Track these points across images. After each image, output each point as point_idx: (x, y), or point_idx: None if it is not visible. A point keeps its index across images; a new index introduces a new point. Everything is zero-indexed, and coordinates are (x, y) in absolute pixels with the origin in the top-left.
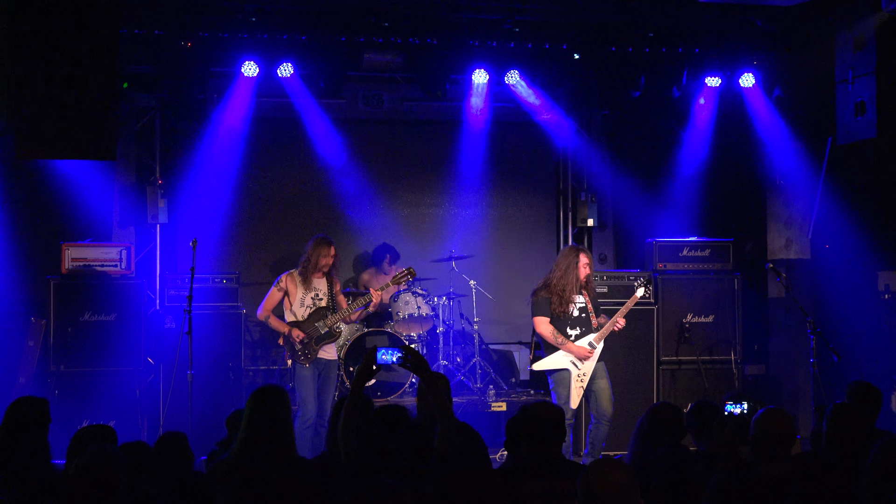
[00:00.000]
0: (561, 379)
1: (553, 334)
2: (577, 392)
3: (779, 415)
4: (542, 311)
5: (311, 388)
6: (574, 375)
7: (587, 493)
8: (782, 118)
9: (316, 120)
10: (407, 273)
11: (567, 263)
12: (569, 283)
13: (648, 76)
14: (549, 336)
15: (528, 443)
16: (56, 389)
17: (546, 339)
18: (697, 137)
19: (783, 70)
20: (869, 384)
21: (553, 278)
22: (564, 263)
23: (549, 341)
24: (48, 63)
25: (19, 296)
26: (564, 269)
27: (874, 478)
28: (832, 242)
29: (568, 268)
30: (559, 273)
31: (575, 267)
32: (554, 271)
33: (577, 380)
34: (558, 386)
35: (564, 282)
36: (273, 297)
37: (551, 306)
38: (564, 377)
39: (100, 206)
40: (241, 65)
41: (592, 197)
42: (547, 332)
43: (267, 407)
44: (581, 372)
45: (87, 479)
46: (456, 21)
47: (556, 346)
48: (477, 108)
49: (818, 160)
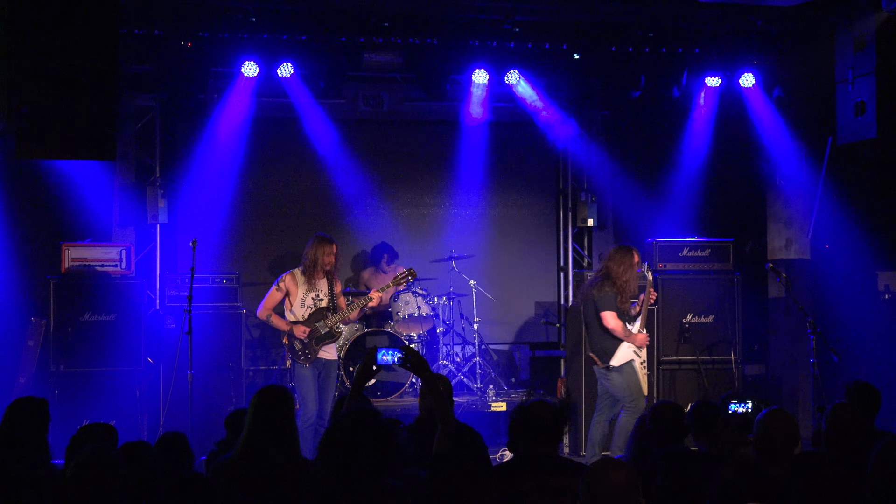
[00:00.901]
0: (632, 370)
1: (623, 328)
2: (644, 380)
3: (782, 415)
4: (610, 306)
5: (312, 387)
6: (638, 364)
7: (588, 492)
8: (782, 118)
9: (316, 120)
10: (407, 274)
11: (630, 262)
12: (630, 279)
13: (648, 76)
14: (620, 330)
15: (524, 440)
16: (56, 389)
17: (617, 333)
18: (697, 137)
19: (783, 70)
20: (868, 384)
21: (617, 276)
22: (626, 262)
23: (620, 335)
24: (48, 63)
25: (19, 296)
26: (627, 267)
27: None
28: (832, 242)
29: (630, 266)
30: (621, 270)
31: (633, 266)
32: (614, 269)
33: (642, 367)
34: (630, 377)
35: (626, 278)
36: (273, 297)
37: (617, 301)
38: (634, 367)
39: (100, 206)
40: (241, 65)
41: (592, 197)
42: (618, 327)
43: (271, 407)
44: (642, 359)
45: (85, 479)
46: (456, 21)
47: (624, 339)
48: (477, 110)
49: (818, 160)
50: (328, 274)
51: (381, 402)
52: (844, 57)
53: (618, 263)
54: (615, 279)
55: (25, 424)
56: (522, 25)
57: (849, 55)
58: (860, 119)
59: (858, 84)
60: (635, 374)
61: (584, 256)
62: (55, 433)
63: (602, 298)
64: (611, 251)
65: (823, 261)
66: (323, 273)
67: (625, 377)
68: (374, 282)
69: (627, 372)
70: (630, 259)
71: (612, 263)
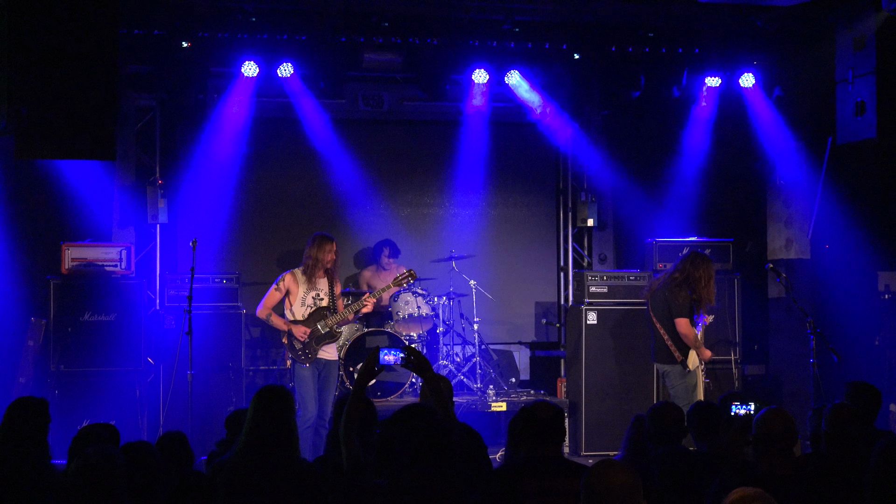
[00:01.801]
0: (694, 377)
1: (696, 337)
2: (702, 385)
3: (780, 415)
4: (685, 313)
5: (312, 388)
6: (699, 372)
7: (589, 494)
8: (782, 118)
9: (316, 120)
10: (408, 275)
11: (710, 273)
12: (710, 290)
13: (648, 76)
14: (692, 338)
15: (526, 442)
16: (56, 389)
17: (688, 340)
18: (697, 137)
19: (783, 70)
20: (868, 384)
21: (697, 283)
22: (708, 272)
23: (691, 343)
24: (48, 63)
25: (19, 296)
26: (709, 277)
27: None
28: (832, 242)
29: (711, 277)
30: (704, 279)
31: (712, 276)
32: (693, 275)
33: (702, 374)
34: (690, 382)
35: (709, 289)
36: (273, 297)
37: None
38: (696, 375)
39: (100, 206)
40: (240, 65)
41: (592, 197)
42: (691, 334)
43: (270, 407)
44: (703, 367)
45: (87, 480)
46: (456, 21)
47: (694, 347)
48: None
49: (818, 160)
50: (328, 273)
51: (382, 402)
52: (844, 57)
53: (697, 270)
54: (695, 285)
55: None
56: (522, 25)
57: (849, 55)
58: (860, 119)
59: (858, 84)
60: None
61: (584, 256)
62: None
63: (679, 304)
64: (690, 255)
65: (823, 261)
66: (324, 272)
67: (686, 382)
68: (375, 280)
69: (691, 379)
70: (711, 270)
71: (689, 267)
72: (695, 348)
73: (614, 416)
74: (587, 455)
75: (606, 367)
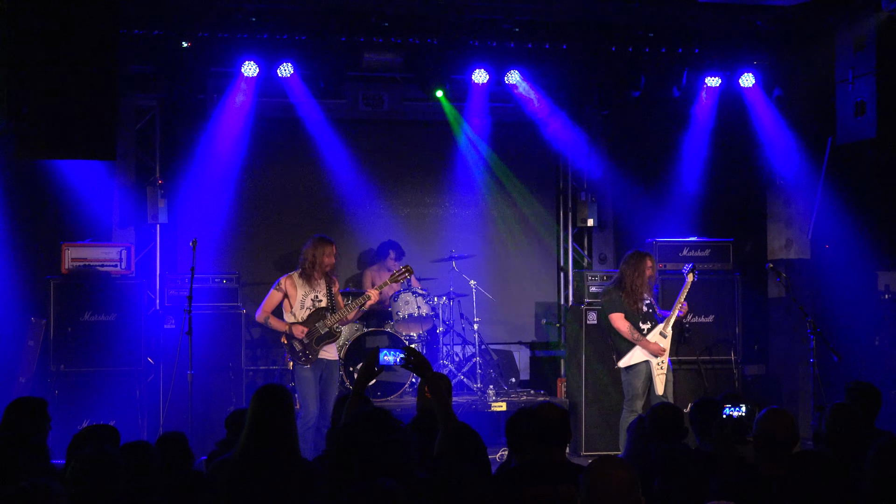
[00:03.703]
0: (638, 372)
1: (630, 330)
2: (660, 380)
3: (782, 416)
4: (617, 308)
5: (313, 388)
6: (654, 364)
7: (588, 491)
8: (782, 118)
9: (316, 120)
10: (405, 270)
11: (640, 267)
12: (642, 283)
13: (648, 76)
14: (626, 331)
15: (532, 445)
16: (56, 389)
17: (624, 334)
18: (697, 137)
19: (783, 70)
20: (868, 384)
21: (626, 280)
22: (637, 267)
23: (628, 338)
24: (48, 63)
25: (19, 296)
26: (637, 272)
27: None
28: (832, 242)
29: (639, 271)
30: (631, 274)
31: (643, 270)
32: (625, 273)
33: (658, 368)
34: (634, 379)
35: (639, 282)
36: (272, 300)
37: (624, 304)
38: (642, 370)
39: (100, 206)
40: (241, 65)
41: (592, 197)
42: (624, 327)
43: (270, 407)
44: (659, 360)
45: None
46: (456, 21)
47: (633, 341)
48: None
49: (818, 160)
50: (326, 275)
51: (381, 402)
52: (844, 57)
53: (628, 268)
54: (624, 283)
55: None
56: (522, 25)
57: (849, 55)
58: (860, 119)
59: (858, 84)
60: (642, 380)
61: (584, 256)
62: (55, 433)
63: (609, 301)
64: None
65: (823, 261)
66: (322, 274)
67: (631, 379)
68: (380, 279)
69: (633, 374)
70: (641, 263)
71: (622, 269)
72: (635, 342)
73: (614, 416)
74: (587, 455)
75: (606, 367)
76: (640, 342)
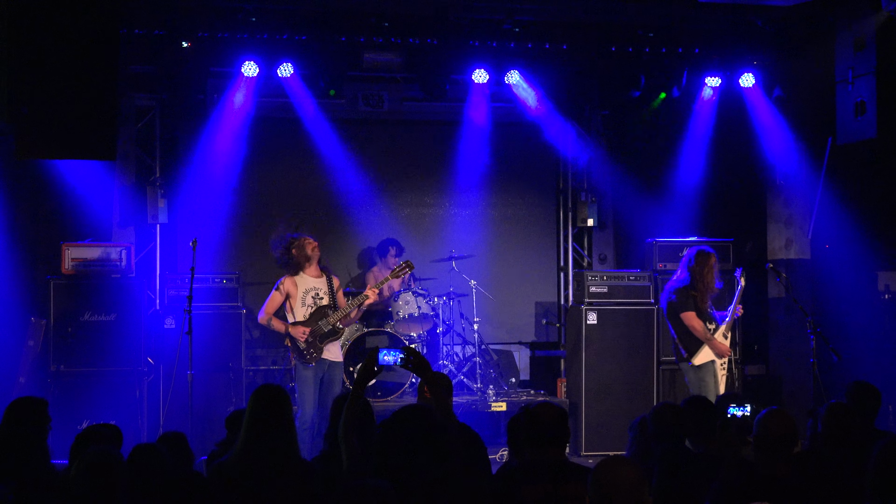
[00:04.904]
0: (708, 371)
1: (703, 329)
2: (723, 380)
3: (781, 416)
4: (690, 307)
5: (312, 389)
6: (717, 364)
7: (597, 490)
8: (782, 118)
9: (316, 120)
10: (405, 266)
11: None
12: (711, 281)
13: (648, 76)
14: (700, 331)
15: (530, 445)
16: (56, 389)
17: (697, 333)
18: (697, 137)
19: (783, 70)
20: (868, 384)
21: (697, 279)
22: (706, 265)
23: (700, 337)
24: (48, 63)
25: (19, 296)
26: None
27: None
28: (832, 242)
29: (707, 268)
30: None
31: (711, 268)
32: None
33: (721, 368)
34: (707, 376)
35: (709, 280)
36: (275, 300)
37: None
38: (710, 368)
39: (100, 206)
40: (240, 65)
41: (592, 197)
42: (698, 326)
43: (268, 406)
44: (722, 361)
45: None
46: (456, 21)
47: (704, 341)
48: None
49: (818, 160)
50: (325, 272)
51: (381, 402)
52: (844, 57)
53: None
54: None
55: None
56: (522, 25)
57: (849, 55)
58: (860, 119)
59: (858, 84)
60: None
61: (584, 256)
62: (55, 433)
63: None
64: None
65: (823, 261)
66: (317, 269)
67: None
68: (382, 277)
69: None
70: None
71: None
72: (707, 342)
73: (614, 416)
74: (587, 455)
75: (606, 367)
76: (710, 342)
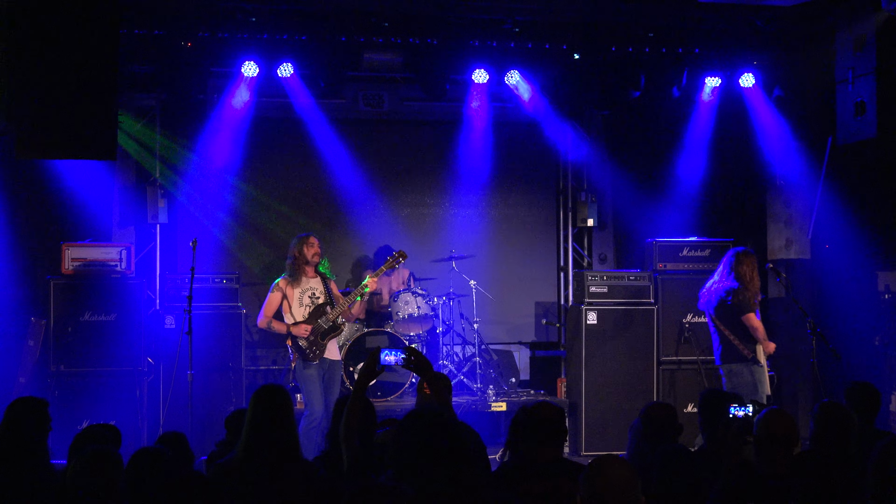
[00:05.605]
0: (765, 369)
1: (763, 328)
2: (767, 378)
3: (781, 416)
4: (750, 308)
5: (318, 387)
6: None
7: (589, 489)
8: (782, 118)
9: (316, 120)
10: (398, 255)
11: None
12: (758, 281)
13: (648, 76)
14: (762, 331)
15: (528, 443)
16: (56, 389)
17: (759, 333)
18: (697, 137)
19: (783, 70)
20: (868, 384)
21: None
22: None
23: (760, 337)
24: (48, 63)
25: (19, 296)
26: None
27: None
28: (832, 242)
29: (753, 267)
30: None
31: (756, 267)
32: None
33: (767, 368)
34: (762, 375)
35: (757, 279)
36: (272, 302)
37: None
38: (765, 367)
39: (100, 206)
40: (241, 65)
41: (592, 197)
42: (761, 327)
43: (268, 406)
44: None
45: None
46: (456, 21)
47: (760, 341)
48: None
49: (818, 160)
50: (321, 274)
51: (381, 402)
52: (844, 57)
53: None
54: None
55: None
56: (522, 25)
57: (849, 55)
58: (860, 119)
59: (858, 84)
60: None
61: (584, 256)
62: (55, 433)
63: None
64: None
65: (823, 261)
66: (313, 270)
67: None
68: (382, 283)
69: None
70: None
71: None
72: (762, 342)
73: (614, 416)
74: (587, 455)
75: (606, 367)
76: (764, 342)
